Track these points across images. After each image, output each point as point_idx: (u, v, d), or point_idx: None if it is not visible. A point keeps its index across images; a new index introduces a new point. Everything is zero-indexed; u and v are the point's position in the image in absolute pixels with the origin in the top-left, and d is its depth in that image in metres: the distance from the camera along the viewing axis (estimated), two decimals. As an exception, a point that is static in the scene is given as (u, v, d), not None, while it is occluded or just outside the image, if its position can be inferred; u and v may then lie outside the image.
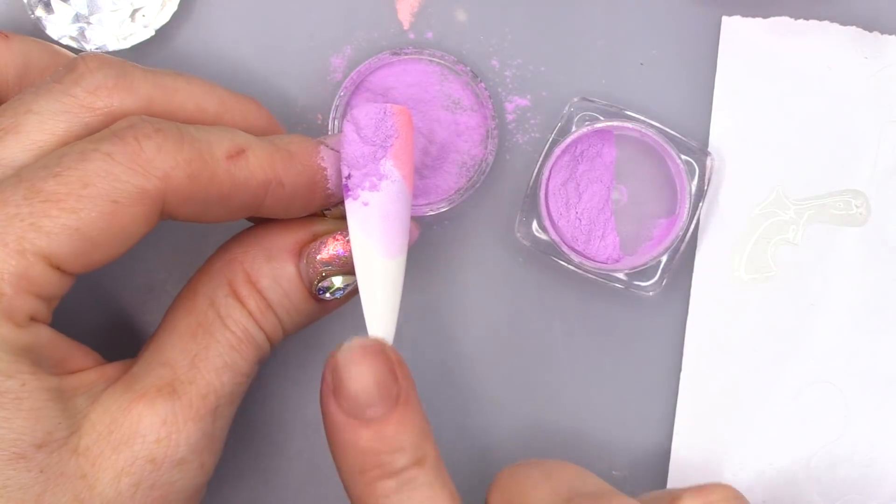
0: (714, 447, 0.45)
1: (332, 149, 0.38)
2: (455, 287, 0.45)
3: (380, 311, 0.37)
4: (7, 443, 0.32)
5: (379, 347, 0.36)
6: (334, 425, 0.36)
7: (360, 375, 0.35)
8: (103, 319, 0.45)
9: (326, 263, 0.38)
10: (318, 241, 0.38)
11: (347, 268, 0.38)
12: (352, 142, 0.37)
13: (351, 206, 0.37)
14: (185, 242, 0.45)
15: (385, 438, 0.35)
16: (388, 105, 0.38)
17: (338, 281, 0.38)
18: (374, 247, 0.37)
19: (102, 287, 0.45)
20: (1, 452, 0.32)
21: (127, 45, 0.44)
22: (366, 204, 0.37)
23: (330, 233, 0.38)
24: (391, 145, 0.37)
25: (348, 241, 0.38)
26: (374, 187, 0.37)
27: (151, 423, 0.34)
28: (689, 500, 0.36)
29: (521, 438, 0.45)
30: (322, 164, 0.37)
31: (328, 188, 0.37)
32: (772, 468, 0.45)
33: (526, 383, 0.45)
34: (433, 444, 0.36)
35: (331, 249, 0.38)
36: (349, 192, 0.37)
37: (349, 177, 0.37)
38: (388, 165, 0.37)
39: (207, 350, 0.36)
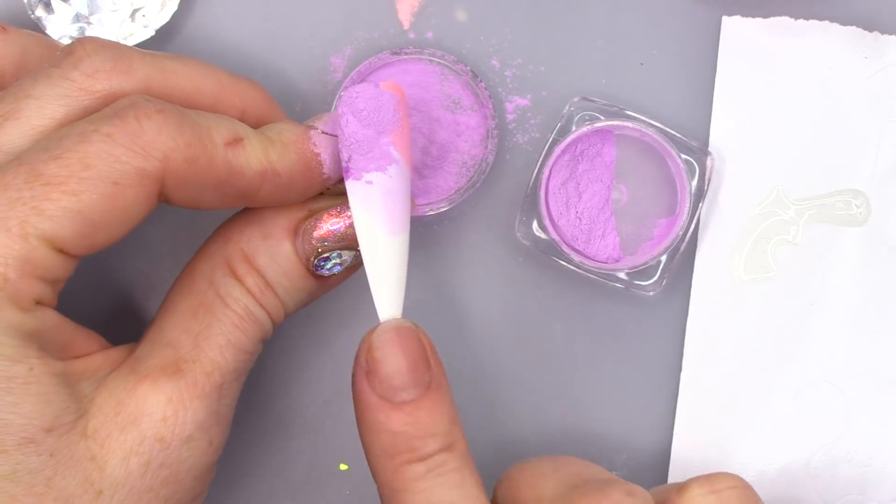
0: (714, 447, 0.45)
1: (325, 132, 0.38)
2: (455, 287, 0.45)
3: (387, 290, 0.37)
4: (16, 427, 0.32)
5: (413, 330, 0.36)
6: (366, 406, 0.36)
7: (394, 357, 0.36)
8: (102, 315, 0.45)
9: (323, 239, 0.38)
10: (314, 218, 0.38)
11: (344, 243, 0.38)
12: (349, 124, 0.37)
13: (352, 187, 0.37)
14: (184, 237, 0.45)
15: (417, 422, 0.35)
16: (381, 84, 0.38)
17: (335, 256, 0.38)
18: (377, 225, 0.37)
19: (101, 283, 0.45)
20: (10, 437, 0.32)
21: (126, 45, 0.44)
22: (368, 184, 0.37)
23: (325, 209, 0.38)
24: (389, 126, 0.38)
25: (345, 217, 0.38)
26: (374, 168, 0.37)
27: (157, 402, 0.34)
28: (697, 488, 0.37)
29: (520, 438, 0.45)
30: (316, 151, 0.37)
31: (324, 173, 0.38)
32: (772, 468, 0.45)
33: (526, 383, 0.45)
34: (462, 432, 0.37)
35: (327, 225, 0.38)
36: (350, 174, 0.37)
37: (350, 159, 0.37)
38: (387, 146, 0.37)
39: (210, 329, 0.36)
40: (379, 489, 0.37)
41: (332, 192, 0.39)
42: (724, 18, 0.46)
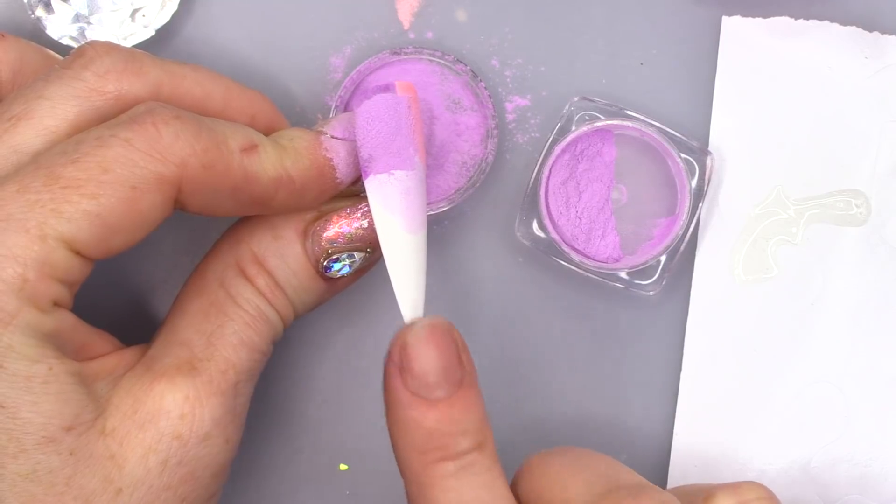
0: (714, 447, 0.45)
1: (338, 137, 0.38)
2: (455, 287, 0.46)
3: (409, 286, 0.38)
4: (36, 427, 0.33)
5: (448, 328, 0.37)
6: (398, 403, 0.36)
7: (428, 355, 0.36)
8: (111, 316, 0.45)
9: (332, 241, 0.38)
10: (323, 219, 0.39)
11: (353, 245, 0.38)
12: (367, 125, 0.38)
13: (371, 186, 0.38)
14: (193, 239, 0.45)
15: (451, 420, 0.36)
16: (397, 87, 0.39)
17: (344, 258, 0.38)
18: (397, 223, 0.38)
19: (109, 284, 0.45)
20: (30, 436, 0.33)
21: (127, 45, 0.45)
22: (387, 182, 0.38)
23: (335, 210, 0.39)
24: (405, 126, 0.38)
25: (354, 218, 0.39)
26: (393, 167, 0.38)
27: (174, 400, 0.35)
28: (724, 498, 0.37)
29: (520, 438, 0.46)
30: (328, 156, 0.38)
31: (337, 177, 0.38)
32: (772, 468, 0.45)
33: (526, 383, 0.46)
34: (490, 431, 0.37)
35: (336, 227, 0.38)
36: (368, 173, 0.38)
37: (368, 158, 0.38)
38: (403, 145, 0.38)
39: (222, 328, 0.37)
40: (406, 485, 0.37)
41: (342, 194, 0.39)
42: (724, 18, 0.46)
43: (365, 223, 0.39)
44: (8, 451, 0.33)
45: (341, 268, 0.39)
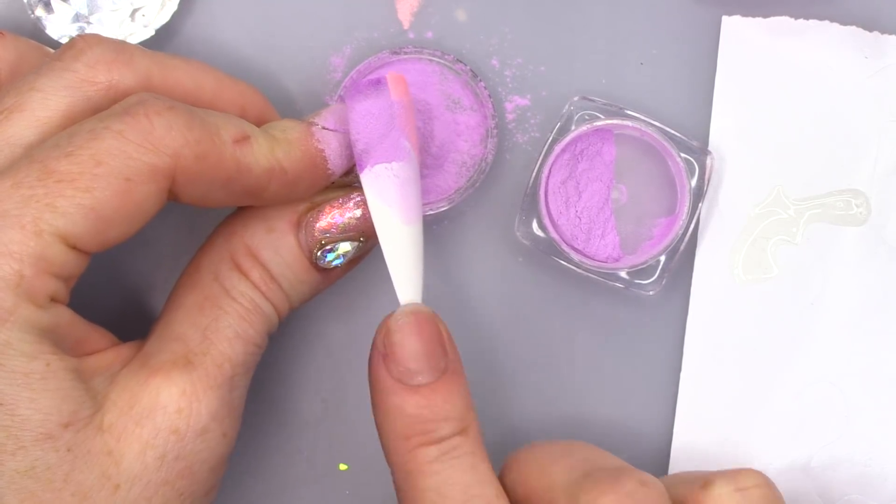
0: (714, 447, 0.45)
1: (329, 128, 0.38)
2: (455, 287, 0.46)
3: (407, 277, 0.39)
4: (34, 423, 0.33)
5: (431, 316, 0.38)
6: (382, 389, 0.37)
7: (411, 341, 0.37)
8: (105, 312, 0.45)
9: (325, 231, 0.39)
10: (316, 210, 0.39)
11: (346, 235, 0.39)
12: (361, 118, 0.39)
13: (367, 178, 0.39)
14: (187, 233, 0.45)
15: (432, 405, 0.36)
16: (388, 79, 0.40)
17: (337, 249, 0.39)
18: (393, 214, 0.38)
19: (103, 280, 0.45)
20: (28, 433, 0.33)
21: (126, 44, 0.45)
22: (381, 174, 0.39)
23: (327, 201, 0.39)
24: (399, 119, 0.39)
25: (346, 208, 0.39)
26: (388, 159, 0.39)
27: (170, 395, 0.35)
28: (722, 484, 0.37)
29: (519, 438, 0.46)
30: (320, 147, 0.38)
31: (328, 168, 0.38)
32: (772, 468, 0.45)
33: (525, 383, 0.46)
34: (476, 418, 0.38)
35: (328, 217, 0.39)
36: (363, 165, 0.39)
37: (363, 150, 0.39)
38: (398, 137, 0.38)
39: (217, 322, 0.37)
40: (392, 472, 0.37)
41: (334, 185, 0.40)
42: (724, 18, 0.46)
43: (358, 213, 0.39)
44: (6, 448, 0.33)
45: (334, 258, 0.39)
